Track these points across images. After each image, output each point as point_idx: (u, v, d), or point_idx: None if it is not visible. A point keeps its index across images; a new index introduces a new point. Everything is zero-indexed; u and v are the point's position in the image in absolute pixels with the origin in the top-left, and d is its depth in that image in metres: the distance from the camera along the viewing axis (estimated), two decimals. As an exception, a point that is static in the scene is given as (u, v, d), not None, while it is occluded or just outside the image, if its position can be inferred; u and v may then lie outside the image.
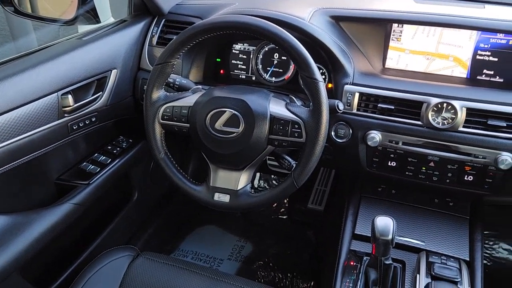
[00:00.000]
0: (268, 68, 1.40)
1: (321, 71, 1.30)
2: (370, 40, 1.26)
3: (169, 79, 1.13)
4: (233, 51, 1.43)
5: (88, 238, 1.46)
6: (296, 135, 1.01)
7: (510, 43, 1.17)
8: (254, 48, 1.40)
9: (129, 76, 1.38)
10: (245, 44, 1.41)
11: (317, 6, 1.28)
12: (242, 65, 1.43)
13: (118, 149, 1.47)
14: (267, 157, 1.12)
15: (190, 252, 1.89)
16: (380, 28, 1.26)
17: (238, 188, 1.08)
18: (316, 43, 1.19)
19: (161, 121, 1.10)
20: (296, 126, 1.01)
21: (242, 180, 1.08)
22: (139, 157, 1.53)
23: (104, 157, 1.41)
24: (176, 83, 1.19)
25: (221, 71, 1.46)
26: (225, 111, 1.03)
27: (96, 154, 1.42)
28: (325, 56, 1.22)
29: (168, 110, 1.09)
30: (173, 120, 1.09)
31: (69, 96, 1.17)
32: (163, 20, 1.40)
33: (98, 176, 1.34)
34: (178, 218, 2.01)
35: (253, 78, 1.43)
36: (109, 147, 1.47)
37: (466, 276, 1.08)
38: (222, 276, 1.12)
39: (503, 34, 1.17)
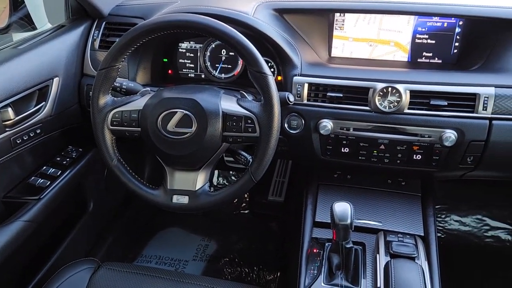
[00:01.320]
0: (217, 65, 1.39)
1: (269, 64, 1.31)
2: (314, 30, 1.29)
3: (115, 83, 1.10)
4: (180, 50, 1.41)
5: (44, 255, 1.40)
6: (250, 130, 1.02)
7: (445, 25, 1.23)
8: (201, 45, 1.39)
9: (72, 83, 1.33)
10: (191, 42, 1.39)
11: (260, 0, 1.28)
12: (190, 63, 1.41)
13: (68, 159, 1.41)
14: (224, 153, 1.12)
15: (154, 257, 1.86)
16: (323, 18, 1.28)
17: (197, 188, 1.07)
18: (262, 37, 1.19)
19: (111, 127, 1.06)
20: (249, 121, 1.01)
21: (199, 180, 1.07)
22: (91, 166, 1.48)
23: (53, 169, 1.35)
24: (123, 87, 1.16)
25: (169, 71, 1.44)
26: (176, 111, 1.02)
27: (45, 167, 1.36)
28: (272, 49, 1.23)
29: (117, 115, 1.06)
30: (123, 125, 1.06)
31: (9, 109, 1.11)
32: (104, 22, 1.36)
33: (49, 189, 1.29)
34: (138, 223, 1.97)
35: (203, 76, 1.41)
36: (58, 159, 1.41)
37: (422, 250, 1.13)
38: (188, 277, 1.11)
39: (438, 17, 1.23)
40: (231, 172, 2.28)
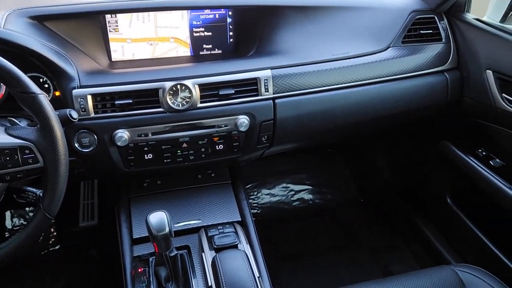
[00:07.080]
0: None
1: (41, 80, 1.14)
2: (86, 36, 1.18)
3: None
4: None
5: None
6: (31, 161, 0.87)
7: (217, 16, 1.28)
8: None
9: None
10: None
11: (10, 8, 1.09)
12: None
13: None
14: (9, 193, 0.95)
15: None
16: (93, 21, 1.18)
17: (-25, 246, 0.87)
18: (21, 51, 1.02)
19: None
20: (27, 151, 0.87)
21: (-24, 235, 0.87)
22: None
23: None
24: None
25: None
26: None
27: None
28: (39, 63, 1.07)
29: None
30: None
31: None
32: None
33: None
34: None
35: (-45, 107, 1.14)
36: None
37: (243, 235, 1.18)
38: None
39: (209, 10, 1.26)
40: (27, 208, 1.97)
